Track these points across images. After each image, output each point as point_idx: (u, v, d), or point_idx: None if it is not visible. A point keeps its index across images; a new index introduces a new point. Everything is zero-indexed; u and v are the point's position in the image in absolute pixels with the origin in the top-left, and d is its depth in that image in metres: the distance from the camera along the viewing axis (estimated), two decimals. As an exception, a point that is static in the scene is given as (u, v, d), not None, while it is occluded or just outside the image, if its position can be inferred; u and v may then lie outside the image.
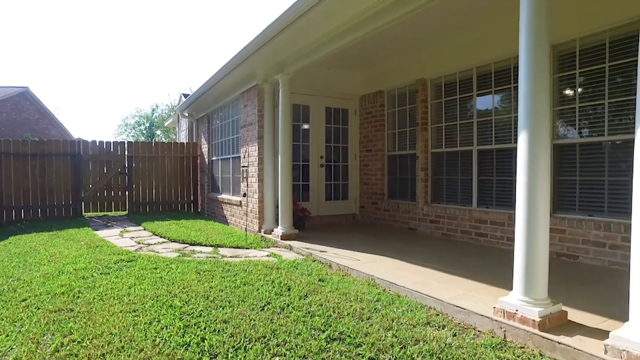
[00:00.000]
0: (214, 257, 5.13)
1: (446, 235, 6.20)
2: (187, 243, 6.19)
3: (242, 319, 2.98)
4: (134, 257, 5.00)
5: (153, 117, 38.71)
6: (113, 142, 10.34)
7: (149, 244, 6.11)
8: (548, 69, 2.80)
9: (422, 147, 6.65)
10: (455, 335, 2.78)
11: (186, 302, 3.34)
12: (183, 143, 11.27)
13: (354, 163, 8.16)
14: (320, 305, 3.27)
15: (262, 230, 6.81)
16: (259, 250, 5.73)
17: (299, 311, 3.14)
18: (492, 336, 2.77)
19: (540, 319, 2.63)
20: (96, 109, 63.30)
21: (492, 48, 5.47)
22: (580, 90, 4.70)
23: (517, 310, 2.75)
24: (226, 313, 3.10)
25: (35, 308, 3.27)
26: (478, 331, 2.89)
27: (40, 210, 9.47)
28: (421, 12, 4.00)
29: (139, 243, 6.22)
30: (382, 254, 5.01)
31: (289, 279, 4.00)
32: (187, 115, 11.59)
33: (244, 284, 3.83)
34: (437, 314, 3.16)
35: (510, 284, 2.90)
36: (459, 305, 3.15)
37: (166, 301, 3.37)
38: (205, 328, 2.82)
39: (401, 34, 5.81)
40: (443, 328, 2.90)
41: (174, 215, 9.83)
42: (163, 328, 2.84)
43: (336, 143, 8.07)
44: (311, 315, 3.07)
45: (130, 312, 3.14)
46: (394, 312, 3.14)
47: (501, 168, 5.59)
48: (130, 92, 63.83)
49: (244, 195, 7.41)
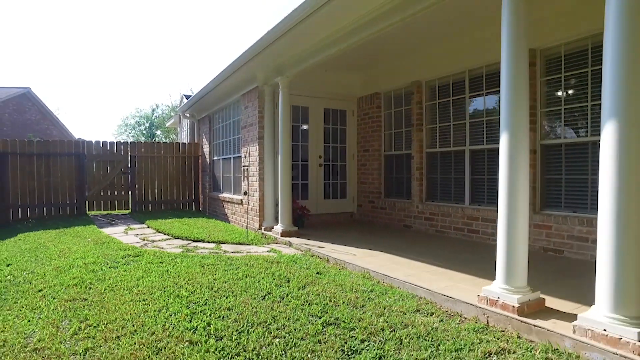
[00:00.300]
0: (217, 253, 5.36)
1: (440, 232, 6.43)
2: (190, 240, 6.42)
3: (245, 307, 3.21)
4: (140, 253, 5.23)
5: (153, 118, 38.92)
6: (116, 142, 10.57)
7: (154, 241, 6.34)
8: (527, 76, 3.04)
9: (417, 147, 6.88)
10: (442, 320, 3.01)
11: (192, 292, 3.57)
12: (185, 143, 11.50)
13: (352, 163, 8.39)
14: (317, 295, 3.50)
15: (263, 227, 7.04)
16: (260, 246, 5.96)
17: (298, 300, 3.37)
18: (476, 322, 3.00)
19: (519, 305, 2.86)
20: (96, 109, 63.58)
21: (483, 53, 5.70)
22: (565, 93, 4.93)
23: (499, 297, 2.98)
24: (230, 302, 3.33)
25: (51, 297, 3.50)
26: (463, 317, 3.11)
27: (45, 209, 9.69)
28: (415, 19, 4.21)
29: (144, 240, 6.45)
30: (378, 250, 5.24)
31: (289, 272, 4.23)
32: (189, 116, 11.81)
33: (246, 276, 4.06)
34: (427, 303, 3.39)
35: (495, 276, 3.13)
36: (447, 294, 3.38)
37: (173, 291, 3.60)
38: (210, 315, 3.05)
39: (397, 39, 6.03)
40: (431, 315, 3.13)
41: (176, 213, 10.05)
42: (171, 315, 3.07)
43: (334, 143, 8.30)
44: (309, 303, 3.30)
45: (140, 301, 3.37)
46: (386, 301, 3.37)
47: (492, 167, 5.81)
48: (130, 93, 64.10)
49: (245, 193, 7.64)
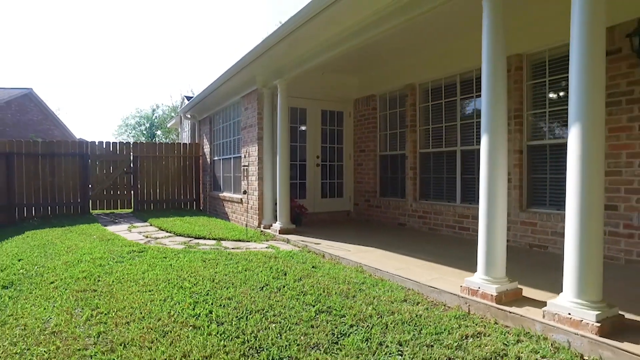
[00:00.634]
0: (217, 249, 5.60)
1: (432, 229, 6.68)
2: (192, 237, 6.66)
3: (244, 297, 3.45)
4: (144, 249, 5.47)
5: (153, 118, 39.16)
6: (119, 143, 10.82)
7: (157, 238, 6.59)
8: (505, 83, 3.28)
9: (411, 148, 7.12)
10: (427, 309, 3.25)
11: (194, 284, 3.82)
12: (186, 144, 11.74)
13: (349, 163, 8.63)
14: (312, 286, 3.74)
15: (262, 225, 7.28)
16: (259, 243, 6.20)
17: (293, 291, 3.61)
18: (458, 310, 3.24)
19: (497, 294, 3.10)
20: (96, 109, 63.83)
21: (474, 56, 5.88)
22: (550, 95, 5.17)
23: (479, 287, 3.22)
24: (230, 292, 3.57)
25: (63, 288, 3.74)
26: (447, 306, 3.36)
27: (50, 207, 9.94)
28: (409, 25, 4.44)
29: (147, 237, 6.69)
30: (372, 246, 5.48)
31: (286, 266, 4.47)
32: (190, 117, 12.06)
33: (245, 270, 4.31)
34: (414, 294, 3.63)
35: (477, 268, 3.37)
36: (433, 286, 3.62)
37: (177, 283, 3.85)
38: (212, 303, 3.30)
39: (391, 43, 6.26)
40: (417, 304, 3.37)
41: (178, 212, 10.30)
42: (176, 304, 3.31)
43: (331, 144, 8.55)
44: (304, 294, 3.54)
45: (146, 292, 3.61)
46: (376, 292, 3.61)
47: (479, 167, 6.05)
48: (130, 93, 64.35)
49: (245, 192, 7.88)
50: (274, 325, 2.88)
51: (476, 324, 2.92)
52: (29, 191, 9.68)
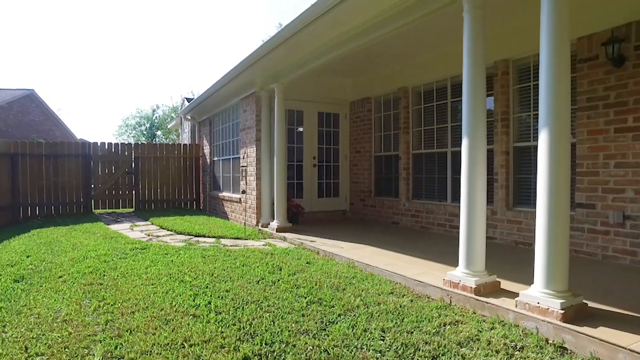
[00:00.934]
0: (217, 246, 5.84)
1: (424, 227, 6.91)
2: (192, 235, 6.90)
3: (241, 289, 3.69)
4: (146, 246, 5.71)
5: (154, 118, 39.39)
6: (121, 144, 11.06)
7: (158, 236, 6.83)
8: (484, 89, 3.53)
9: (404, 149, 7.36)
10: (411, 300, 3.48)
11: (194, 278, 4.05)
12: (186, 144, 11.98)
13: (344, 163, 8.87)
14: (305, 280, 3.98)
15: (260, 224, 7.52)
16: (256, 240, 6.44)
17: (287, 284, 3.85)
18: (441, 301, 3.47)
19: (476, 286, 3.33)
20: (97, 110, 64.09)
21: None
22: (535, 99, 5.41)
23: (460, 280, 3.46)
24: (228, 285, 3.81)
25: (71, 282, 3.98)
26: (431, 298, 3.59)
27: (53, 207, 10.19)
28: (402, 31, 4.64)
29: (149, 235, 6.93)
30: (365, 243, 5.71)
31: (281, 262, 4.71)
32: (190, 118, 12.30)
33: (243, 265, 4.55)
34: (401, 287, 3.86)
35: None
36: (419, 279, 3.85)
37: (178, 277, 4.09)
38: (211, 295, 3.53)
39: (386, 47, 6.49)
40: (403, 296, 3.60)
41: (178, 212, 10.54)
42: (177, 295, 3.55)
43: (328, 145, 8.78)
44: (297, 287, 3.78)
45: (149, 285, 3.85)
46: (365, 285, 3.85)
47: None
48: (130, 93, 64.60)
49: (243, 192, 8.12)
50: (268, 314, 3.11)
51: (455, 314, 3.16)
52: (33, 191, 9.92)
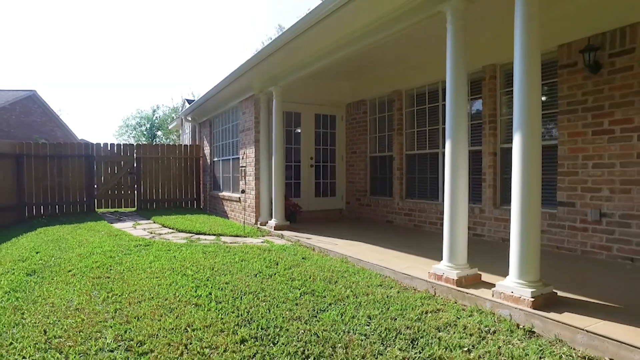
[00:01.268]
0: (217, 243, 6.10)
1: (417, 226, 7.17)
2: (193, 233, 7.16)
3: (240, 282, 3.95)
4: (150, 243, 5.97)
5: (154, 118, 39.66)
6: (123, 145, 11.32)
7: (160, 234, 7.09)
8: (466, 94, 3.78)
9: (398, 150, 7.61)
10: (398, 292, 3.74)
11: (196, 272, 4.31)
12: (187, 145, 12.24)
13: (341, 164, 9.13)
14: (300, 274, 4.24)
15: (258, 222, 7.78)
16: (255, 238, 6.70)
17: (283, 277, 4.11)
18: (426, 292, 3.73)
19: (457, 278, 3.59)
20: (97, 110, 64.36)
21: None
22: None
23: (444, 273, 3.71)
24: (227, 278, 4.07)
25: (80, 276, 4.23)
26: (417, 290, 3.85)
27: (57, 206, 10.45)
28: (394, 37, 4.87)
29: (151, 233, 7.19)
30: (359, 241, 5.97)
31: (278, 257, 4.97)
32: (191, 119, 12.55)
33: (242, 260, 4.80)
34: (390, 280, 4.12)
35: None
36: (407, 273, 4.11)
37: (180, 271, 4.35)
38: (212, 287, 3.79)
39: (380, 52, 6.73)
40: (391, 288, 3.86)
41: (179, 211, 10.80)
42: (180, 287, 3.81)
43: (325, 146, 9.04)
44: (292, 279, 4.04)
45: (153, 278, 4.11)
46: (356, 279, 4.10)
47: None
48: (131, 93, 64.88)
49: (243, 192, 8.37)
50: (264, 303, 3.37)
51: (438, 303, 3.41)
52: (38, 191, 10.18)
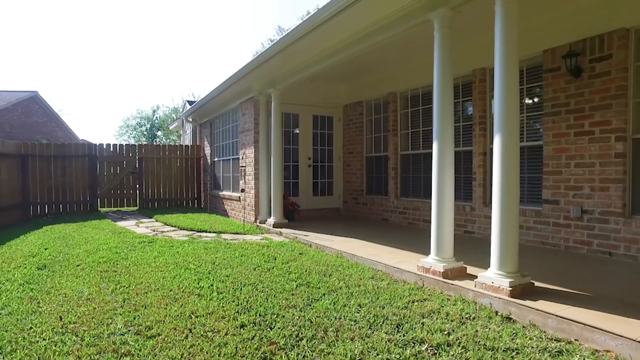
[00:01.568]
0: (218, 240, 6.34)
1: (411, 224, 7.41)
2: (194, 230, 7.40)
3: (239, 275, 4.19)
4: (153, 240, 6.21)
5: (154, 119, 39.89)
6: (125, 145, 11.56)
7: (163, 231, 7.33)
8: (452, 100, 4.01)
9: (393, 150, 7.86)
10: (388, 284, 3.98)
11: (198, 266, 4.55)
12: (188, 145, 12.48)
13: (338, 164, 9.37)
14: (296, 267, 4.48)
15: (258, 220, 8.02)
16: (254, 235, 6.94)
17: (280, 271, 4.35)
18: (415, 284, 3.97)
19: (444, 271, 3.83)
20: (97, 110, 64.60)
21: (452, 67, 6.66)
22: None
23: (431, 266, 3.95)
24: (228, 272, 4.31)
25: (88, 269, 4.47)
26: (406, 282, 4.08)
27: (61, 205, 10.69)
28: (388, 42, 5.09)
29: (154, 230, 7.43)
30: (354, 237, 6.21)
31: (276, 253, 5.21)
32: (191, 120, 12.79)
33: (241, 256, 5.04)
34: (382, 273, 4.36)
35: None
36: (397, 266, 4.35)
37: (183, 265, 4.59)
38: (213, 279, 4.03)
39: (375, 56, 6.97)
40: (382, 280, 4.10)
41: (180, 210, 11.04)
42: (184, 280, 4.05)
43: (322, 146, 9.29)
44: (289, 273, 4.28)
45: (158, 272, 4.35)
46: (349, 272, 4.34)
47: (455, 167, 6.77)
48: (131, 94, 65.11)
49: (242, 191, 8.61)
50: (262, 293, 3.61)
51: (424, 294, 3.65)
52: (42, 190, 10.42)
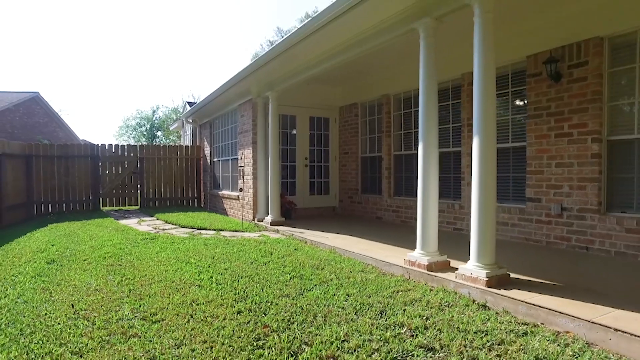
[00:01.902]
0: (217, 236, 6.61)
1: (404, 222, 7.68)
2: (195, 228, 7.67)
3: (237, 268, 4.46)
4: (155, 237, 6.48)
5: (154, 119, 40.16)
6: (127, 146, 11.83)
7: (164, 229, 7.59)
8: (436, 104, 4.28)
9: (386, 150, 8.13)
10: (376, 276, 4.24)
11: (199, 260, 4.82)
12: (188, 146, 12.75)
13: (334, 164, 9.64)
14: (291, 262, 4.75)
15: (256, 219, 8.28)
16: (252, 232, 7.21)
17: (276, 264, 4.62)
18: (401, 277, 4.23)
19: (428, 264, 4.09)
20: (97, 110, 64.85)
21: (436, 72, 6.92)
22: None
23: (417, 260, 4.22)
24: (226, 265, 4.58)
25: (95, 264, 4.74)
26: (394, 275, 4.35)
27: (64, 204, 10.96)
28: (381, 48, 5.35)
29: (156, 228, 7.70)
30: (348, 234, 6.47)
31: (272, 249, 5.47)
32: (191, 121, 13.06)
33: (239, 251, 5.31)
34: (371, 267, 4.62)
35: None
36: (386, 260, 4.61)
37: (184, 260, 4.85)
38: (212, 272, 4.30)
39: (369, 60, 7.23)
40: (371, 273, 4.36)
41: (181, 209, 11.31)
42: (185, 272, 4.31)
43: (319, 147, 9.56)
44: (284, 266, 4.54)
45: (161, 265, 4.62)
46: (341, 266, 4.61)
47: (444, 167, 7.03)
48: (130, 94, 65.36)
49: (241, 190, 8.88)
50: (258, 284, 3.88)
51: (409, 285, 3.92)
52: (46, 190, 10.69)
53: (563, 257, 4.67)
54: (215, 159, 11.60)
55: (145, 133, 39.64)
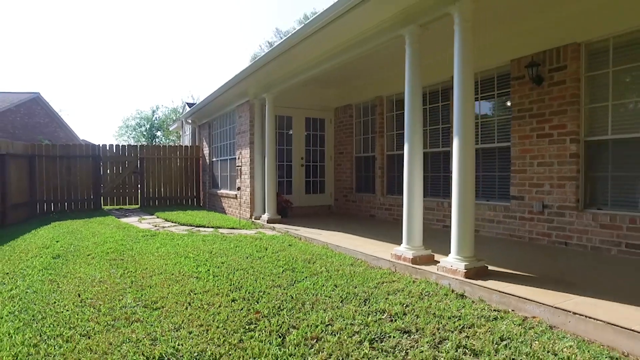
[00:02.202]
0: (215, 233, 6.85)
1: (396, 219, 7.92)
2: (193, 225, 7.92)
3: (233, 262, 4.71)
4: (155, 233, 6.72)
5: (153, 119, 40.38)
6: (127, 146, 12.07)
7: (164, 227, 7.84)
8: (421, 106, 4.55)
9: (380, 150, 8.37)
10: (364, 269, 4.49)
11: (197, 255, 5.07)
12: (187, 146, 12.99)
13: (329, 163, 9.89)
14: (284, 256, 4.99)
15: (253, 217, 8.53)
16: (249, 230, 7.46)
17: (270, 259, 4.87)
18: (388, 270, 4.48)
19: (413, 257, 4.34)
20: (97, 111, 65.09)
21: (427, 75, 7.15)
22: (479, 109, 6.42)
23: (402, 253, 4.47)
24: (223, 259, 4.83)
25: (98, 258, 4.99)
26: (381, 268, 4.60)
27: (66, 203, 11.20)
28: (373, 51, 5.60)
29: (156, 226, 7.94)
30: (341, 231, 6.72)
31: (267, 244, 5.72)
32: (191, 122, 13.31)
33: (236, 247, 5.56)
34: (361, 262, 4.87)
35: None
36: (375, 255, 4.86)
37: (183, 254, 5.10)
38: (210, 266, 4.55)
39: (362, 63, 7.47)
40: (360, 267, 4.61)
41: (180, 207, 11.55)
42: (184, 266, 4.56)
43: (314, 147, 9.80)
44: (277, 260, 4.79)
45: (161, 260, 4.86)
46: (332, 260, 4.86)
47: (434, 166, 7.31)
48: (130, 94, 65.59)
49: (238, 189, 9.13)
50: (252, 276, 4.13)
51: (394, 277, 4.17)
52: (48, 189, 10.94)
53: (543, 252, 4.92)
54: (214, 159, 11.84)
55: (145, 133, 39.87)
